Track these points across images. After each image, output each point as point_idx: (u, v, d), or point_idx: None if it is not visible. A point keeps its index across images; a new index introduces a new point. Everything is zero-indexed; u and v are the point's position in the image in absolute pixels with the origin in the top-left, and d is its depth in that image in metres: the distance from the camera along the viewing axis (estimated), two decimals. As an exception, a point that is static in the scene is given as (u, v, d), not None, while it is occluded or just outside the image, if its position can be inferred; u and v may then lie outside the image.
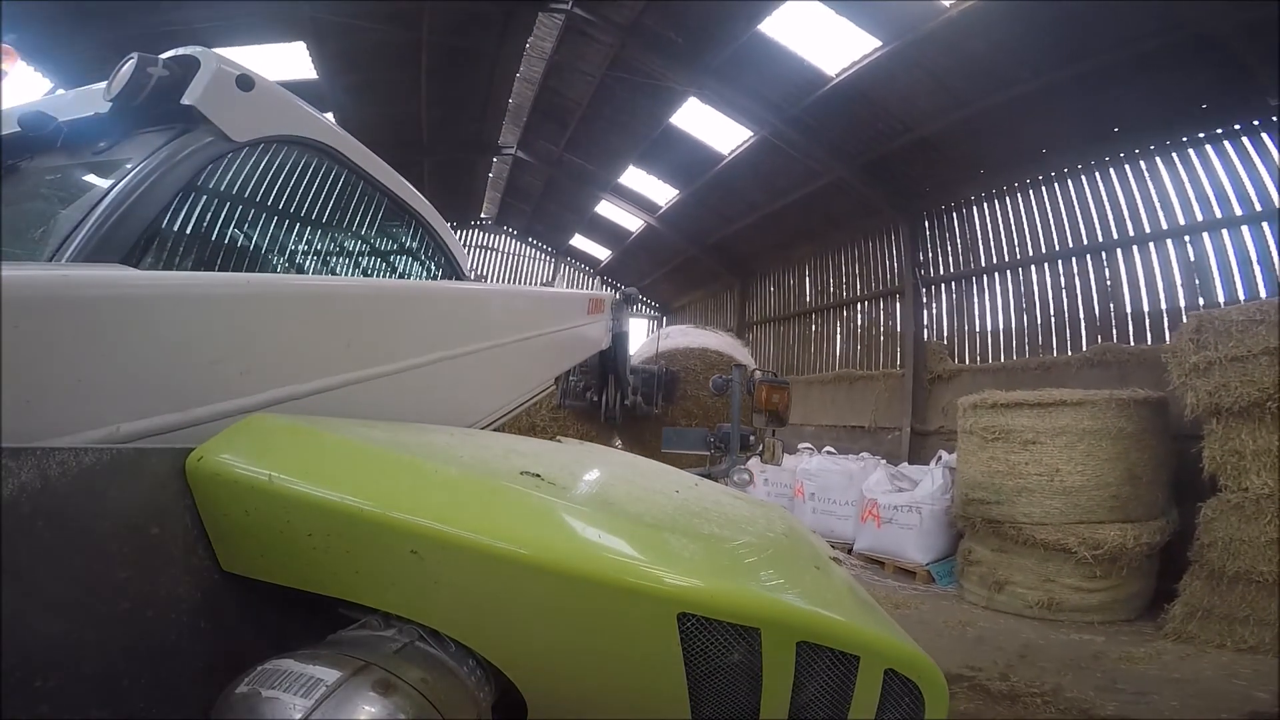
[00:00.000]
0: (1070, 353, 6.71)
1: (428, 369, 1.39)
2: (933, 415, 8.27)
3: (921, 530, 5.86)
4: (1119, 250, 6.48)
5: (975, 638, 4.23)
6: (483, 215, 16.21)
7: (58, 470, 0.63)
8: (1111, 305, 6.47)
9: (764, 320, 12.81)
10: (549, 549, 0.70)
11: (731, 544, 0.81)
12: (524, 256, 17.29)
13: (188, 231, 1.18)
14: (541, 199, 14.76)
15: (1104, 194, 6.61)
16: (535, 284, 17.09)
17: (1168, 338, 5.81)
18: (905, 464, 7.37)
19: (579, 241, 16.54)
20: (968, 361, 8.08)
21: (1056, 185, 7.08)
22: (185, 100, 1.20)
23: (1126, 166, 6.41)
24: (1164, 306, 6.01)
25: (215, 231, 1.25)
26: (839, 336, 10.63)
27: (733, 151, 9.71)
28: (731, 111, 8.68)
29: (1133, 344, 6.19)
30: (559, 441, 1.65)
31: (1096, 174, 6.69)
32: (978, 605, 4.94)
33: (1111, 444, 4.68)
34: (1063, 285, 6.99)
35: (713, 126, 9.43)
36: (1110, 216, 6.55)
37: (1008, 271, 7.68)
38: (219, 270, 1.24)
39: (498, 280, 16.27)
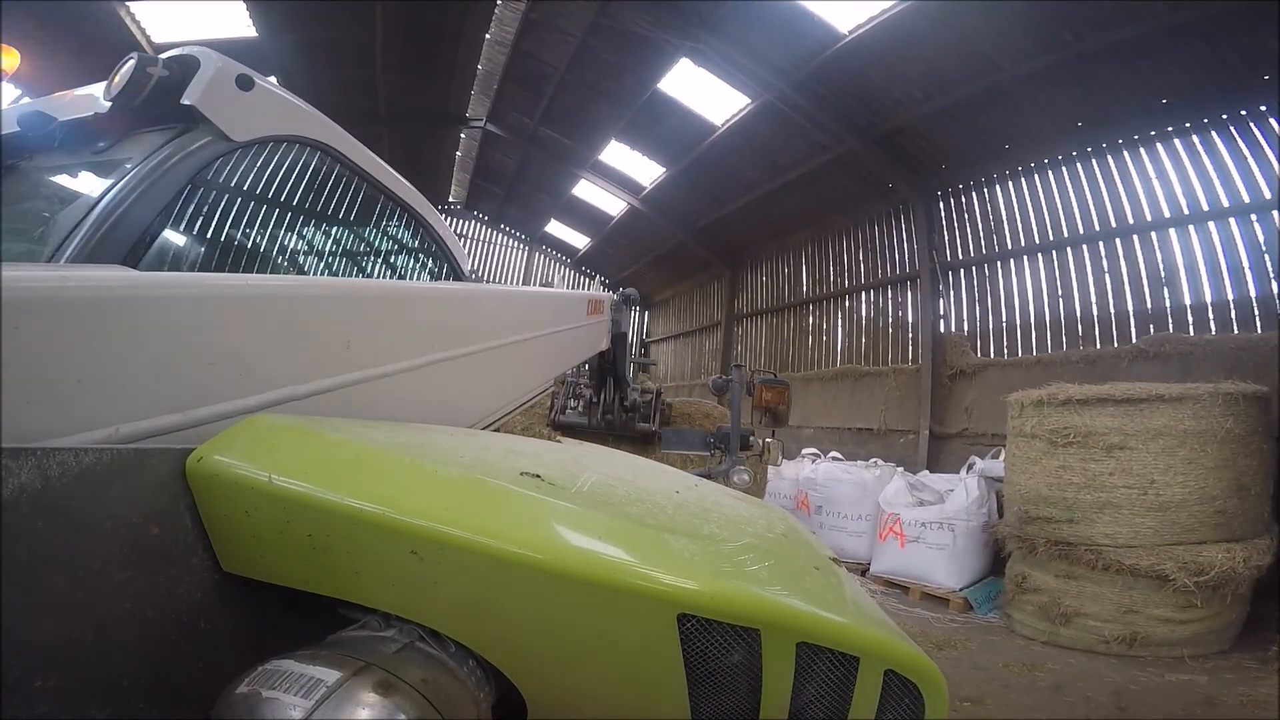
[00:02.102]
0: (1117, 344, 6.56)
1: (427, 370, 1.49)
2: (953, 416, 8.03)
3: (954, 551, 5.54)
4: (1172, 231, 6.36)
5: (1051, 685, 3.83)
6: (451, 199, 16.01)
7: (58, 470, 0.70)
8: (1166, 291, 6.34)
9: (755, 312, 12.75)
10: (549, 550, 0.77)
11: (731, 545, 0.88)
12: (496, 245, 17.15)
13: (188, 232, 1.26)
14: (515, 180, 14.56)
15: (1151, 171, 6.52)
16: (510, 276, 17.01)
17: (1235, 327, 5.73)
18: (926, 472, 7.13)
19: (555, 228, 16.38)
20: (993, 355, 7.89)
21: (1095, 161, 6.96)
22: (185, 100, 1.28)
23: (1177, 141, 6.31)
24: (1231, 295, 5.87)
25: (215, 231, 1.33)
26: (840, 329, 10.49)
27: (727, 121, 9.47)
28: (728, 74, 8.41)
29: (1193, 334, 5.98)
30: (559, 442, 1.73)
31: (1142, 150, 6.57)
32: (1035, 640, 4.58)
33: (1218, 449, 4.27)
34: (1105, 270, 6.83)
35: (706, 93, 9.17)
36: (1160, 194, 6.45)
37: (1039, 255, 7.51)
38: (220, 270, 1.32)
39: (481, 275, 16.13)
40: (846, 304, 10.37)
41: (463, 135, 13.28)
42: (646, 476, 1.24)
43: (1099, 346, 6.75)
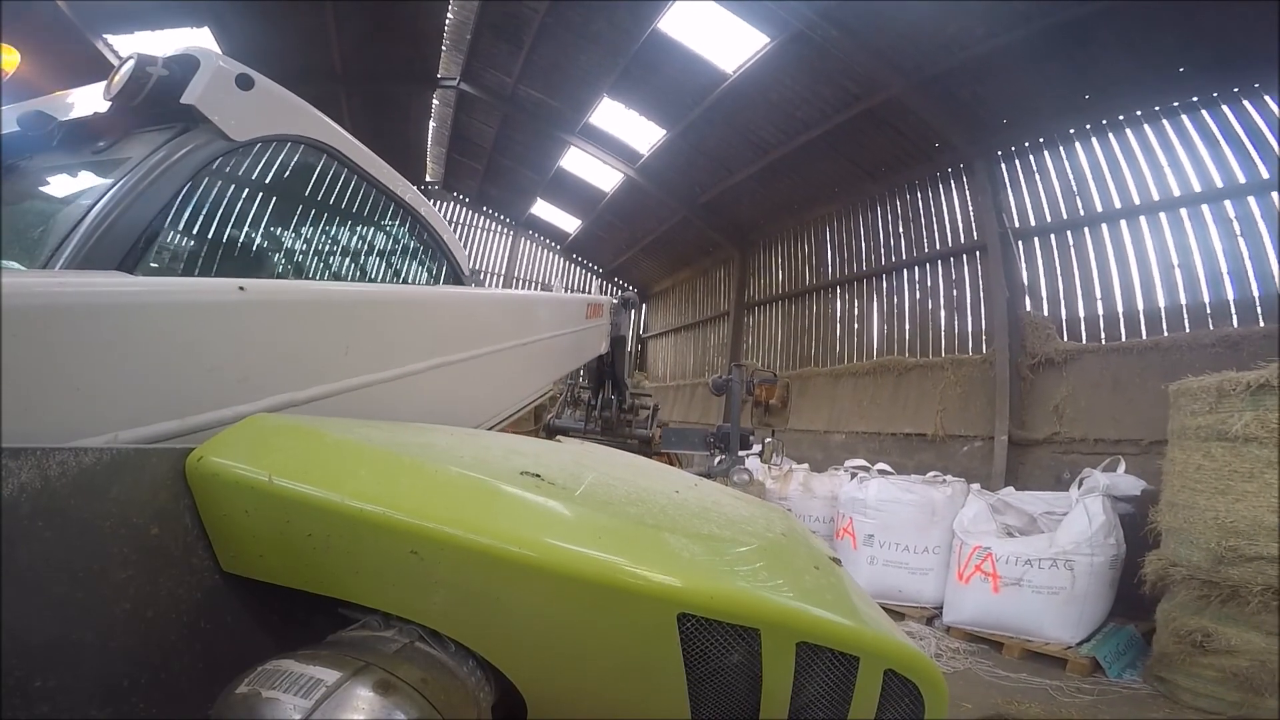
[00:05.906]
0: (1264, 323, 5.34)
1: (426, 375, 1.54)
2: (1038, 417, 6.61)
3: (1072, 595, 4.41)
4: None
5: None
6: (429, 179, 15.09)
7: (58, 470, 0.72)
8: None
9: (769, 299, 11.62)
10: (548, 549, 0.79)
11: (731, 544, 0.91)
12: (478, 229, 16.18)
13: (188, 232, 1.30)
14: (495, 152, 13.43)
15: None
16: (494, 264, 16.26)
17: None
18: (1010, 489, 5.75)
19: (542, 209, 15.45)
20: (1085, 339, 6.56)
21: (1207, 112, 5.90)
22: (185, 100, 1.32)
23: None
24: None
25: (215, 232, 1.37)
26: (877, 314, 9.12)
27: (740, 67, 8.19)
28: (742, 5, 7.18)
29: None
30: (558, 442, 1.76)
31: (1267, 97, 5.43)
32: (1218, 715, 3.64)
33: None
34: (1239, 233, 5.57)
35: (714, 31, 7.90)
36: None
37: (1141, 218, 6.29)
38: (219, 270, 1.36)
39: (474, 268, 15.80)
40: (884, 284, 9.03)
41: (435, 101, 12.00)
42: (646, 476, 1.27)
43: (1237, 326, 5.52)
